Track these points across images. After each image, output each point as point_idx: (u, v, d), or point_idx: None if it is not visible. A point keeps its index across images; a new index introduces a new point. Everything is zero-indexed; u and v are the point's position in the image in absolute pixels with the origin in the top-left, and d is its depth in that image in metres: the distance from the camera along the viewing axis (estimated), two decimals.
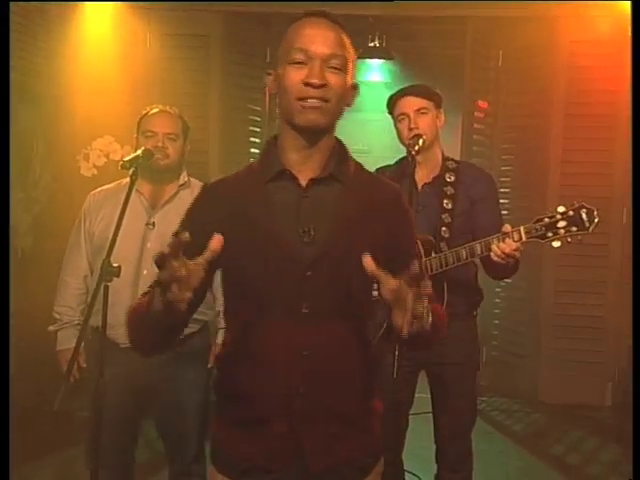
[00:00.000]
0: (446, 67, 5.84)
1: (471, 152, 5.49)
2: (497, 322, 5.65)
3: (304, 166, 1.56)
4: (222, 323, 2.60)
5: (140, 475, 3.25)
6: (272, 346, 1.51)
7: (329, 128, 1.56)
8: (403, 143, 2.72)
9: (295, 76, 1.49)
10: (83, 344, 2.61)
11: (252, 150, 5.71)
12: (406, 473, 3.02)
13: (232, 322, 1.64)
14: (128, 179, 2.45)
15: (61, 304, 2.81)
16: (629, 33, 5.05)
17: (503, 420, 5.02)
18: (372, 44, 6.19)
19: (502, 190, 5.43)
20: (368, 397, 1.65)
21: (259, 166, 1.61)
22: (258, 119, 5.74)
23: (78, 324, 2.73)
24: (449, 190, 2.70)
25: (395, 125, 2.76)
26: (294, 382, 1.52)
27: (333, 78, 1.49)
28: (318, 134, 1.54)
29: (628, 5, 4.99)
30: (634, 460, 2.03)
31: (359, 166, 1.65)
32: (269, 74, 1.59)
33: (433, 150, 2.75)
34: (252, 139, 5.73)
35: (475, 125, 5.61)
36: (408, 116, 2.68)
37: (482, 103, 5.63)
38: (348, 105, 1.58)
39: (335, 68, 1.50)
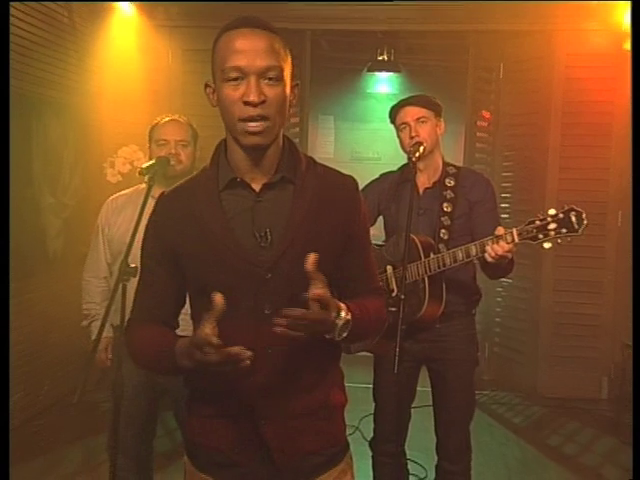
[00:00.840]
0: (450, 79, 5.83)
1: (474, 159, 5.47)
2: (498, 320, 5.61)
3: (255, 172, 1.50)
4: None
5: (160, 463, 3.27)
6: (237, 345, 1.41)
7: (273, 142, 1.48)
8: (405, 150, 2.70)
9: (233, 94, 1.40)
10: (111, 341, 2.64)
11: None
12: (409, 462, 2.99)
13: (199, 324, 1.56)
14: (144, 185, 2.44)
15: (87, 301, 2.86)
16: (624, 46, 5.02)
17: (504, 413, 4.98)
18: (380, 58, 6.19)
19: (503, 195, 5.42)
20: (330, 390, 1.61)
21: (211, 173, 1.54)
22: None
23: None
24: (449, 194, 2.68)
25: (397, 134, 2.74)
26: (258, 378, 1.48)
27: (271, 91, 1.41)
28: (263, 149, 1.48)
29: (623, 18, 4.96)
30: (634, 459, 1.95)
31: (311, 161, 1.58)
32: (208, 86, 1.50)
33: (434, 156, 2.72)
34: None
35: (477, 133, 5.57)
36: (409, 125, 2.65)
37: (486, 113, 5.60)
38: (292, 106, 1.51)
39: (271, 79, 1.41)
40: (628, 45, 4.99)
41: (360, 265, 1.59)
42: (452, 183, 2.70)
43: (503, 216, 5.35)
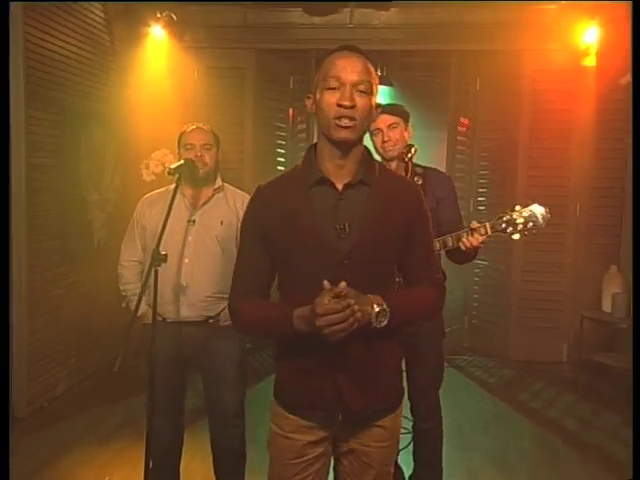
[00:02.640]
0: (435, 91, 5.72)
1: (455, 159, 5.38)
2: (476, 296, 5.54)
3: (339, 173, 1.54)
4: None
5: (191, 418, 3.22)
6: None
7: (358, 141, 1.54)
8: (377, 152, 2.58)
9: (330, 99, 1.48)
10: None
11: (278, 159, 5.66)
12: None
13: (286, 298, 1.62)
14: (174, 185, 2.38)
15: (123, 282, 2.71)
16: (581, 62, 4.93)
17: (480, 374, 4.93)
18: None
19: (480, 190, 5.38)
20: (393, 352, 1.65)
21: (302, 172, 1.58)
22: (283, 134, 5.64)
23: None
24: None
25: (371, 138, 2.60)
26: (335, 342, 1.49)
27: (360, 100, 1.48)
28: (349, 146, 1.53)
29: (581, 39, 4.85)
30: (634, 457, 1.86)
31: (383, 168, 1.63)
32: (309, 97, 1.56)
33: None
34: (278, 150, 5.65)
35: (458, 138, 5.45)
36: (382, 130, 2.54)
37: (464, 120, 5.50)
38: (373, 121, 1.58)
39: (362, 92, 1.48)
40: (586, 62, 4.91)
41: (419, 258, 1.62)
42: (420, 181, 2.59)
43: (480, 208, 5.32)
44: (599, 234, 4.99)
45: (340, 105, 1.45)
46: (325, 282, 1.40)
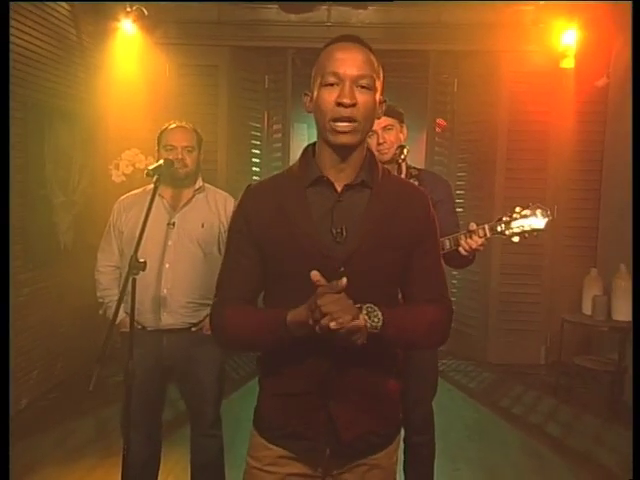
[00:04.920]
0: (413, 92, 5.65)
1: (433, 160, 5.31)
2: (454, 299, 5.44)
3: (339, 176, 1.40)
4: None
5: (165, 430, 3.04)
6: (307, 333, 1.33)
7: (359, 144, 1.38)
8: None
9: (328, 97, 1.33)
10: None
11: (253, 159, 5.50)
12: None
13: (272, 306, 1.45)
14: (151, 186, 2.22)
15: (101, 289, 2.56)
16: (559, 64, 4.90)
17: (460, 379, 4.84)
18: None
19: (458, 192, 5.28)
20: (391, 375, 1.48)
21: (299, 172, 1.43)
22: (258, 134, 5.48)
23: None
24: None
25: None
26: (327, 362, 1.36)
27: (362, 97, 1.32)
28: (350, 149, 1.38)
29: (559, 41, 4.83)
30: (634, 458, 1.79)
31: (387, 172, 1.46)
32: (306, 95, 1.41)
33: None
34: (253, 150, 5.49)
35: (436, 139, 5.40)
36: (376, 133, 2.41)
37: (440, 121, 5.44)
38: (378, 118, 1.41)
39: (364, 87, 1.33)
40: (564, 64, 4.88)
41: (424, 273, 1.45)
42: (416, 183, 2.49)
43: (458, 210, 5.19)
44: (576, 236, 4.98)
45: (339, 104, 1.30)
46: (314, 273, 1.23)
